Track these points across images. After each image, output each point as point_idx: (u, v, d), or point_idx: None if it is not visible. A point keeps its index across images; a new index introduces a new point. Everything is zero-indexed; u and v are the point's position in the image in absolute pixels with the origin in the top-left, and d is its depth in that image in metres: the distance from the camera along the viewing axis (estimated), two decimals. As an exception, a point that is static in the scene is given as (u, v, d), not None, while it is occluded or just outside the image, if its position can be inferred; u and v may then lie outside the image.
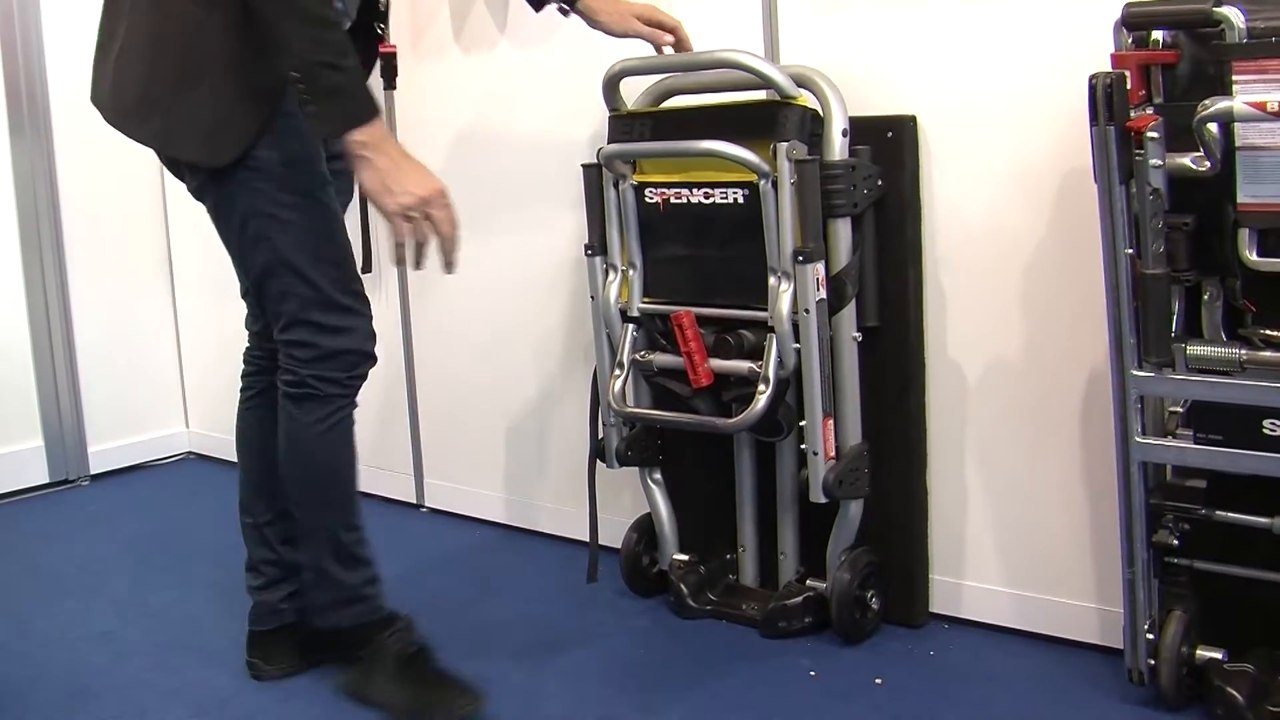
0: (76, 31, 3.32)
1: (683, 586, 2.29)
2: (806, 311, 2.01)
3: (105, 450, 3.46)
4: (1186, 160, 1.66)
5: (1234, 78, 1.58)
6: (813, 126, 2.02)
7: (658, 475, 2.38)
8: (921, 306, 2.16)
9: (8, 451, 3.28)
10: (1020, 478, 2.13)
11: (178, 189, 1.82)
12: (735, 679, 2.06)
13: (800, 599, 2.18)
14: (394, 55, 2.76)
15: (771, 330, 2.04)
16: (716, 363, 2.12)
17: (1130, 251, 1.69)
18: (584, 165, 2.22)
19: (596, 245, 2.25)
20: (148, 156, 1.93)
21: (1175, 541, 1.80)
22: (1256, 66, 1.57)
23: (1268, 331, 1.70)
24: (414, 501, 3.03)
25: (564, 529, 2.74)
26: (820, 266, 2.01)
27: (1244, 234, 1.66)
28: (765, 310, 2.05)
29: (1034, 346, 2.08)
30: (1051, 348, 2.06)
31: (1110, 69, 1.67)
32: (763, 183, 2.00)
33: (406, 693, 1.95)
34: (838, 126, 2.03)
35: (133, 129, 1.88)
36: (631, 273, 2.23)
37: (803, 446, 2.10)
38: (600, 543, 2.36)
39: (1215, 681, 1.77)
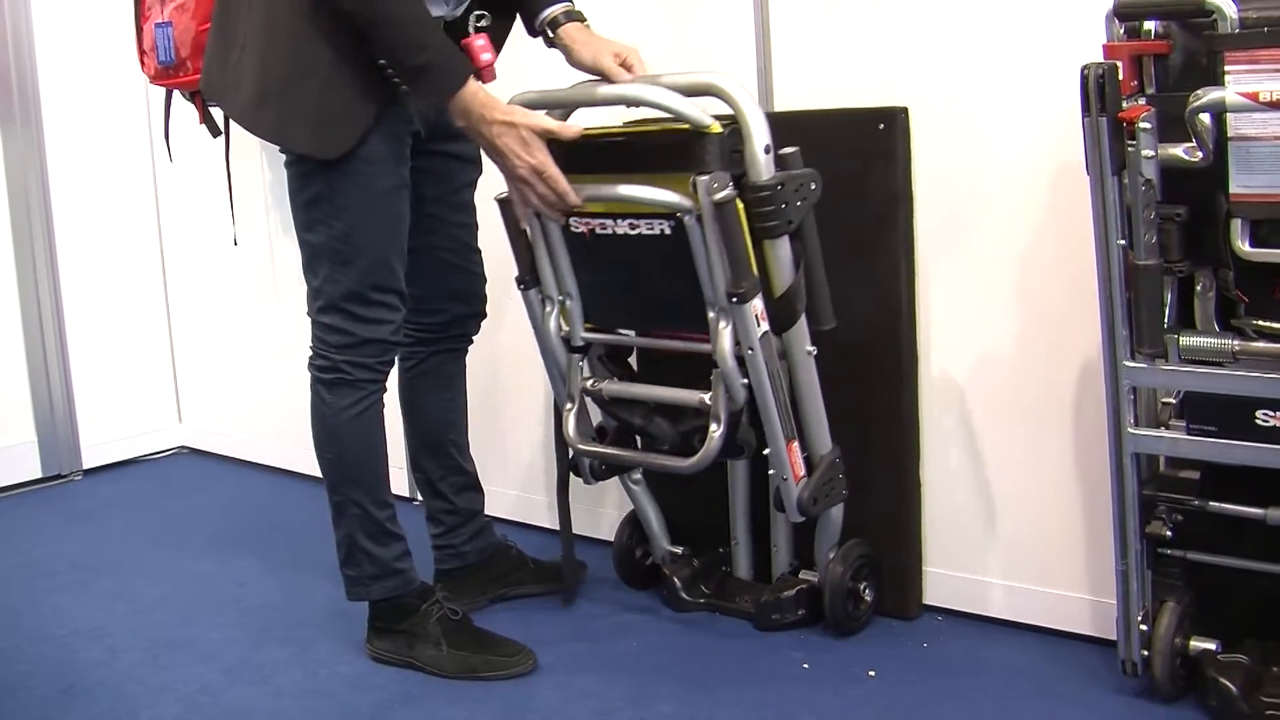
0: (67, 22, 3.33)
1: (676, 580, 2.29)
2: (751, 350, 1.93)
3: (98, 445, 3.46)
4: (1179, 151, 1.66)
5: (1226, 68, 1.58)
6: (735, 142, 1.88)
7: (637, 476, 2.33)
8: (913, 298, 2.16)
9: (0, 446, 3.28)
10: (1013, 469, 2.12)
11: (171, 183, 1.80)
12: (728, 671, 2.05)
13: (793, 591, 2.18)
14: None
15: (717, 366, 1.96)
16: (668, 392, 2.08)
17: (1123, 242, 1.69)
18: (498, 199, 2.07)
19: (528, 278, 2.14)
20: (140, 149, 1.94)
21: (1168, 533, 1.80)
22: (1248, 57, 1.56)
23: (1260, 322, 1.69)
24: (407, 495, 3.03)
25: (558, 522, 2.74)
26: (758, 301, 1.92)
27: (1236, 224, 1.65)
28: (708, 343, 1.97)
29: (1026, 338, 2.08)
30: (1044, 339, 2.05)
31: (1102, 59, 1.66)
32: (687, 219, 1.88)
33: (459, 655, 2.07)
34: (759, 144, 1.87)
35: (250, 122, 1.96)
36: (569, 302, 2.13)
37: (770, 472, 2.05)
38: (596, 536, 2.35)
39: (1209, 672, 1.77)
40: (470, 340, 2.32)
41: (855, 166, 2.13)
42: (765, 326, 1.93)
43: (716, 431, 1.98)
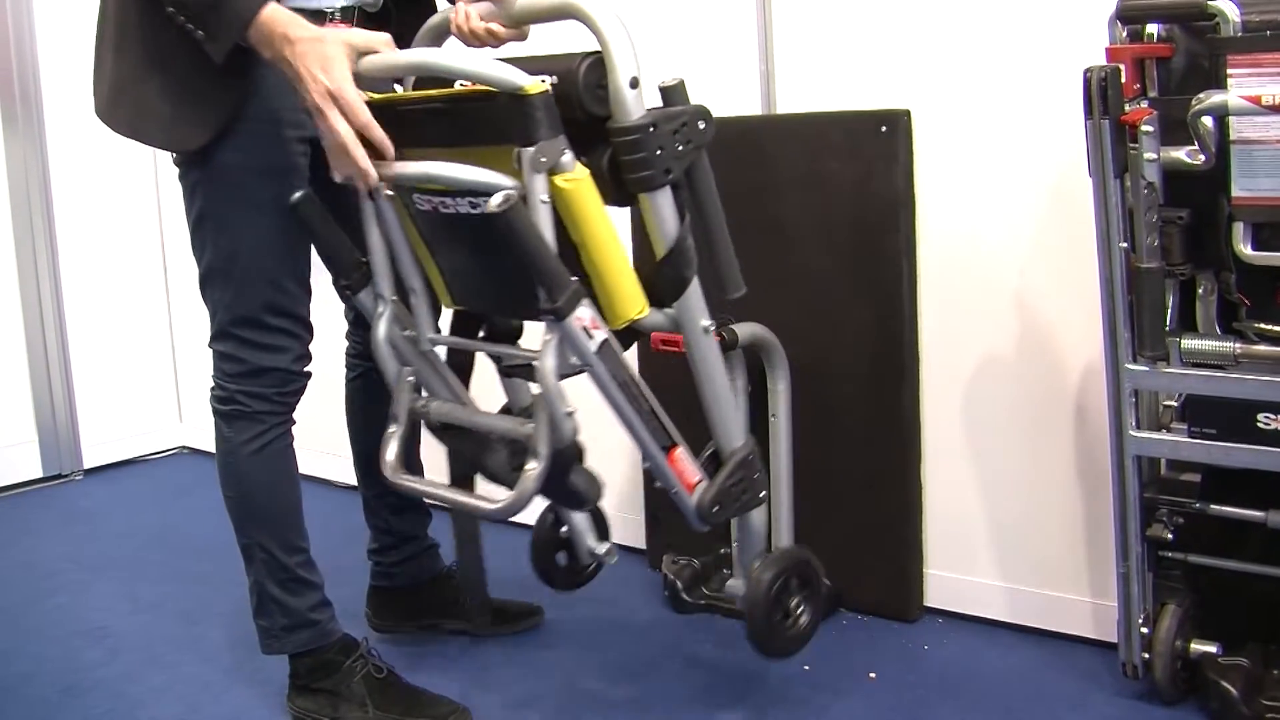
0: (70, 25, 3.33)
1: (677, 582, 2.29)
2: (589, 364, 1.57)
3: (98, 444, 3.46)
4: (1181, 154, 1.66)
5: (1228, 71, 1.58)
6: (597, 75, 1.53)
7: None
8: (915, 300, 2.16)
9: (1, 446, 3.28)
10: (1015, 472, 2.13)
11: (171, 182, 1.78)
12: (729, 673, 2.06)
13: (794, 593, 2.16)
14: None
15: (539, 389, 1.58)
16: (494, 420, 1.76)
17: (1125, 245, 1.69)
18: (291, 202, 1.73)
19: (353, 277, 1.78)
20: (141, 148, 1.92)
21: (1170, 535, 1.80)
22: (1251, 60, 1.57)
23: (1262, 325, 1.70)
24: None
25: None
26: (585, 309, 1.52)
27: (1238, 228, 1.65)
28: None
29: (1028, 340, 2.08)
30: (1046, 342, 2.06)
31: (1105, 62, 1.66)
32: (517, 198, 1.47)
33: (386, 717, 1.91)
34: (623, 76, 1.50)
35: (108, 118, 1.82)
36: (413, 298, 1.77)
37: (657, 485, 1.79)
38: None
39: (1210, 675, 1.77)
40: None
41: (857, 169, 2.13)
42: (602, 334, 1.56)
43: (534, 470, 1.58)
